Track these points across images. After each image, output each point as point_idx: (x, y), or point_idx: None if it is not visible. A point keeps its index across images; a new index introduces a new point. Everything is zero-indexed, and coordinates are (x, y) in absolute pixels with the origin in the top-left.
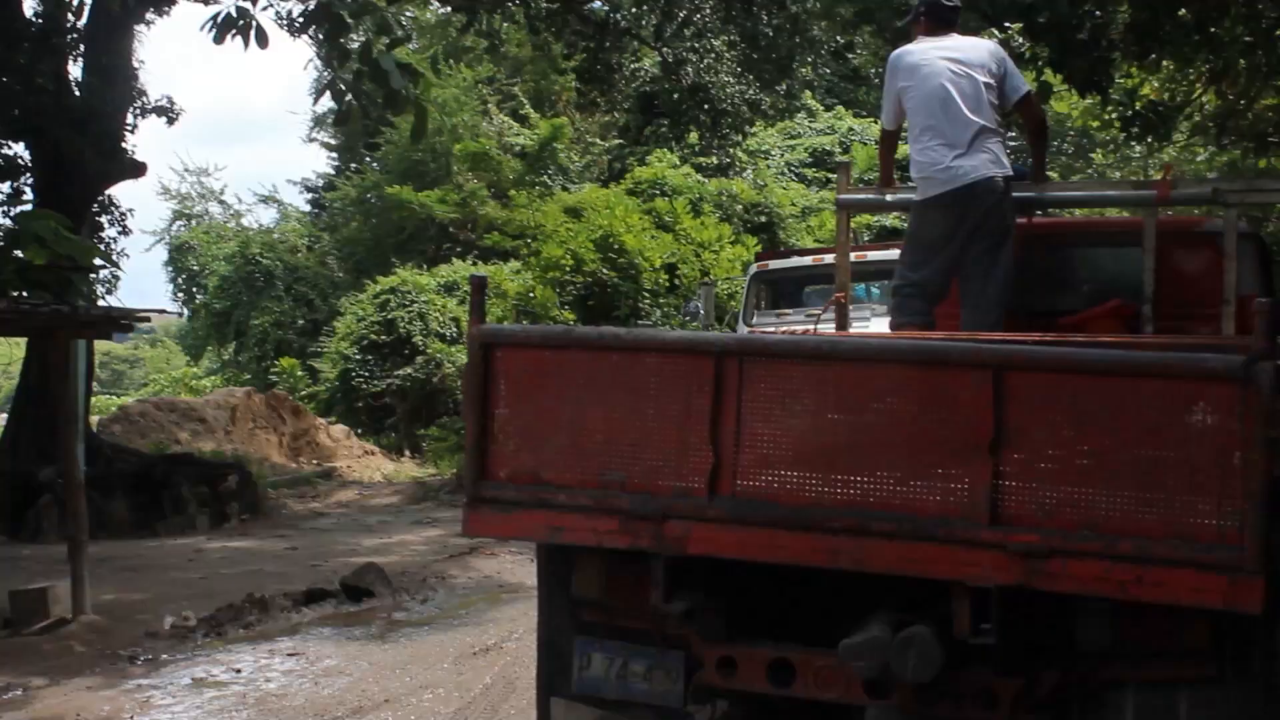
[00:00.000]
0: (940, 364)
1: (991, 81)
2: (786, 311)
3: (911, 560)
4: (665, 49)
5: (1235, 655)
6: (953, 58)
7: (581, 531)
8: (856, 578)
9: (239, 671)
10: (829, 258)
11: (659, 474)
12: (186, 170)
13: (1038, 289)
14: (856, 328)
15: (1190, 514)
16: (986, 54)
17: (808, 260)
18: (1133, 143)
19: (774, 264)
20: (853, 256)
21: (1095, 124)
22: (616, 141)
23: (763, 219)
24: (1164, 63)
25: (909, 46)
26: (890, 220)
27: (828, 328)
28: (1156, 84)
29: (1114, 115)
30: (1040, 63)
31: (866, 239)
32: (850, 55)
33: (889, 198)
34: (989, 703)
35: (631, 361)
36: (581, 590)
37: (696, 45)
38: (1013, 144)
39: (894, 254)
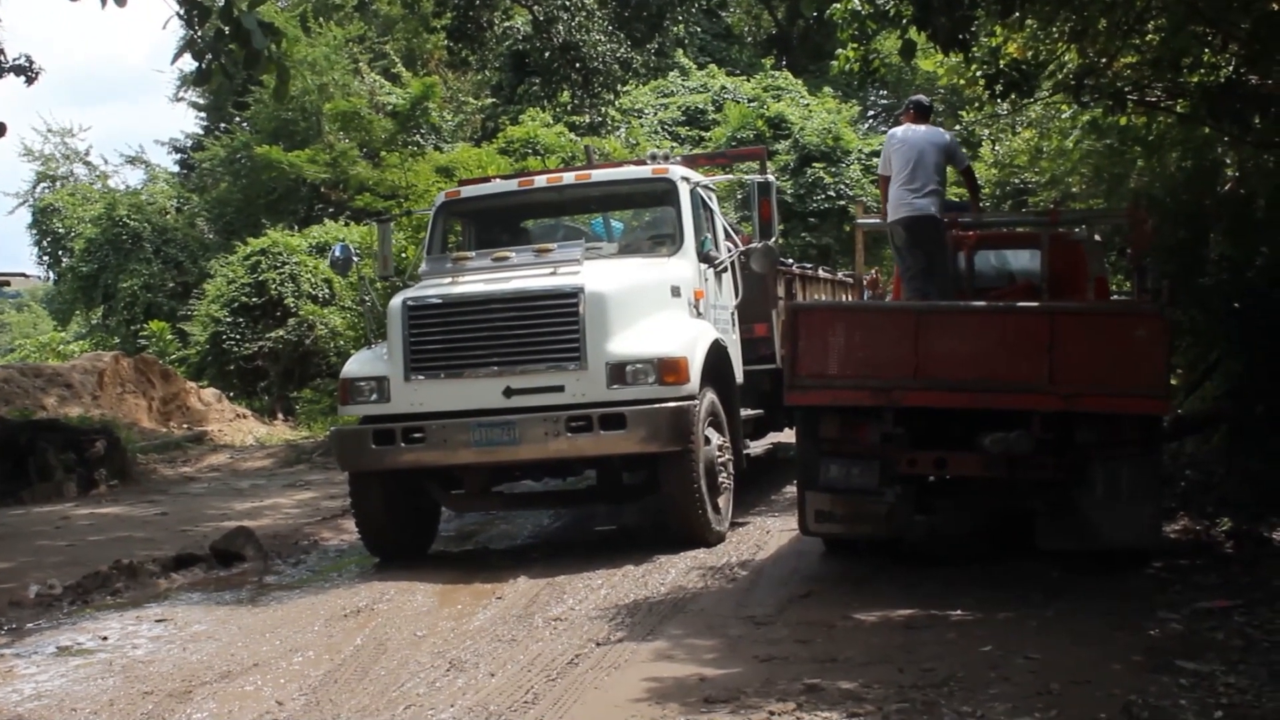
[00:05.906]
0: (1023, 314)
1: (942, 158)
2: (468, 256)
3: (1011, 401)
4: (536, 7)
5: (1148, 442)
6: (923, 138)
7: (848, 398)
8: (977, 414)
9: (105, 639)
10: (541, 180)
11: (887, 369)
12: (50, 131)
13: (980, 275)
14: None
15: (1139, 373)
16: (944, 139)
17: (513, 185)
18: (998, 100)
19: (469, 191)
20: (572, 176)
21: (961, 82)
22: (489, 100)
23: None
24: (1027, 21)
25: (900, 127)
26: None
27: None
28: (1020, 42)
29: (978, 74)
30: (904, 20)
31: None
32: (723, 13)
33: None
34: (1037, 468)
35: (871, 316)
36: (825, 433)
37: (567, 3)
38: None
39: (631, 170)
